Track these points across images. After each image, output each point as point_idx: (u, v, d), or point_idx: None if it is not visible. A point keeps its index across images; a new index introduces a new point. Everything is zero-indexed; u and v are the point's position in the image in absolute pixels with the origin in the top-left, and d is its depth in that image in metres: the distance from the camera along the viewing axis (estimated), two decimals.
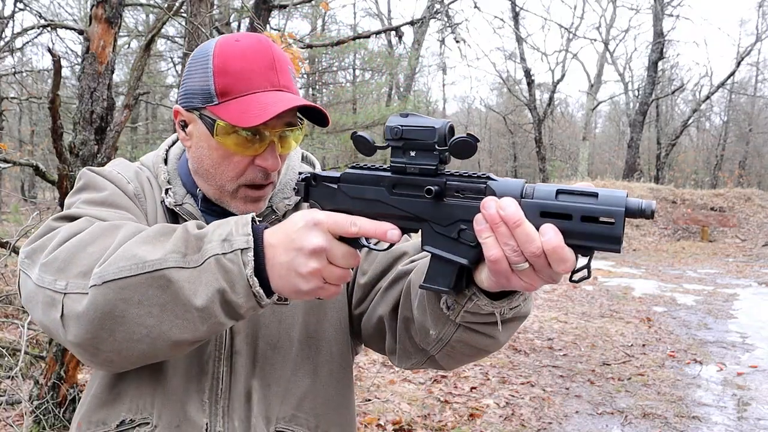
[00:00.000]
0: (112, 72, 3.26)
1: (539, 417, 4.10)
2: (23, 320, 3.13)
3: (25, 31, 5.56)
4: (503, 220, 0.70)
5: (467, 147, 0.75)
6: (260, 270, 0.79)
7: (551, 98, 26.07)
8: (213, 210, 1.07)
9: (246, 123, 0.93)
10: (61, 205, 3.16)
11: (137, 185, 1.06)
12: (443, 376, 4.72)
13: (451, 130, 0.78)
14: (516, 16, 23.18)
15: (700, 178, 28.92)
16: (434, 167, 0.78)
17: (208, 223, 0.99)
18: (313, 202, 0.90)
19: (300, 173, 0.91)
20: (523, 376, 4.92)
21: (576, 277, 0.71)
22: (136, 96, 3.45)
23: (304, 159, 1.21)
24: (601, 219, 0.68)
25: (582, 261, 0.71)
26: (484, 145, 37.49)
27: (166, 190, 1.06)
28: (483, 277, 0.77)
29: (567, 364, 5.26)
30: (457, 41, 7.09)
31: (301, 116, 1.04)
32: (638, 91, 27.38)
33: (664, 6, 21.96)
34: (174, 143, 1.19)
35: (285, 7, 6.43)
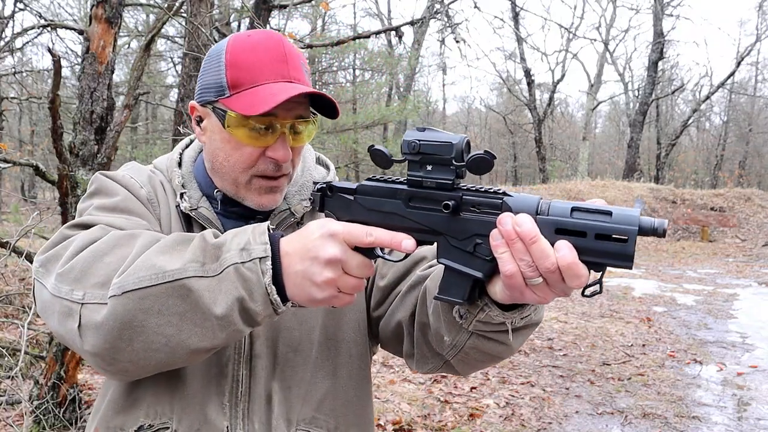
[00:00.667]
0: (112, 72, 3.26)
1: (539, 417, 4.10)
2: (23, 320, 3.13)
3: (25, 31, 5.56)
4: (519, 236, 0.72)
5: (484, 163, 0.77)
6: (276, 278, 0.80)
7: (551, 98, 26.07)
8: (231, 212, 1.07)
9: (253, 111, 0.93)
10: (62, 205, 3.16)
11: (150, 190, 1.06)
12: (443, 376, 4.72)
13: (468, 145, 0.79)
14: (516, 16, 23.18)
15: (700, 178, 28.92)
16: (451, 182, 0.80)
17: (225, 227, 1.03)
18: (328, 213, 0.90)
19: (315, 183, 0.92)
20: (523, 376, 4.92)
21: (588, 291, 0.73)
22: (136, 96, 3.45)
23: (319, 161, 1.22)
24: (615, 236, 0.70)
25: (594, 276, 0.74)
26: (484, 145, 37.49)
27: (181, 195, 1.05)
28: (497, 289, 0.79)
29: (567, 364, 5.26)
30: (457, 41, 7.09)
31: (314, 111, 1.04)
32: (638, 91, 27.38)
33: (664, 6, 21.96)
34: (188, 146, 1.18)
35: (285, 7, 6.44)
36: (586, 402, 4.41)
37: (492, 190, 0.79)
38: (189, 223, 1.06)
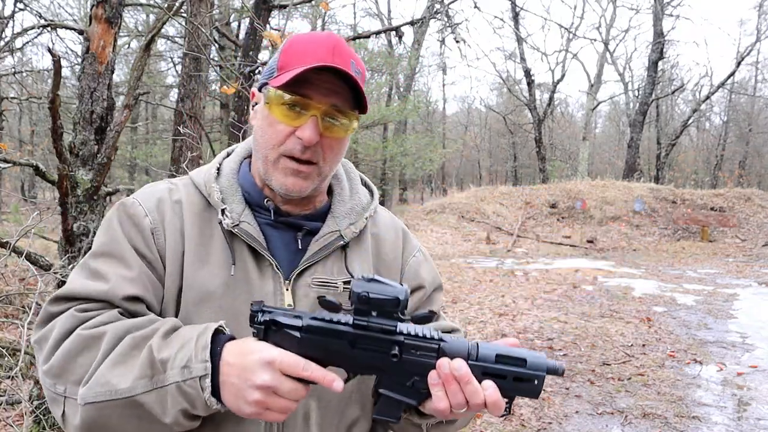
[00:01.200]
0: (112, 72, 3.26)
1: (539, 417, 4.10)
2: (23, 320, 3.13)
3: (25, 31, 5.56)
4: (456, 378, 0.89)
5: (426, 320, 0.91)
6: (215, 384, 0.88)
7: (551, 98, 26.08)
8: (281, 223, 1.09)
9: (280, 81, 0.99)
10: (62, 205, 3.16)
11: (155, 217, 1.05)
12: None
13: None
14: (516, 16, 23.19)
15: (700, 178, 28.92)
16: (394, 328, 0.90)
17: (270, 240, 1.08)
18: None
19: (259, 311, 0.91)
20: None
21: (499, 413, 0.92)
22: (136, 96, 3.45)
23: (364, 184, 1.25)
24: (527, 378, 0.91)
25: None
26: (484, 145, 37.48)
27: (222, 211, 1.05)
28: (425, 407, 0.96)
29: (567, 364, 5.26)
30: (457, 41, 7.09)
31: (357, 111, 1.06)
32: (638, 91, 27.38)
33: (664, 6, 21.96)
34: (228, 155, 1.18)
35: (285, 7, 6.44)
36: (586, 402, 4.41)
37: (429, 336, 0.91)
38: (233, 237, 1.06)
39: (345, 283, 1.08)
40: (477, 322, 6.58)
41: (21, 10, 5.20)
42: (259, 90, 1.09)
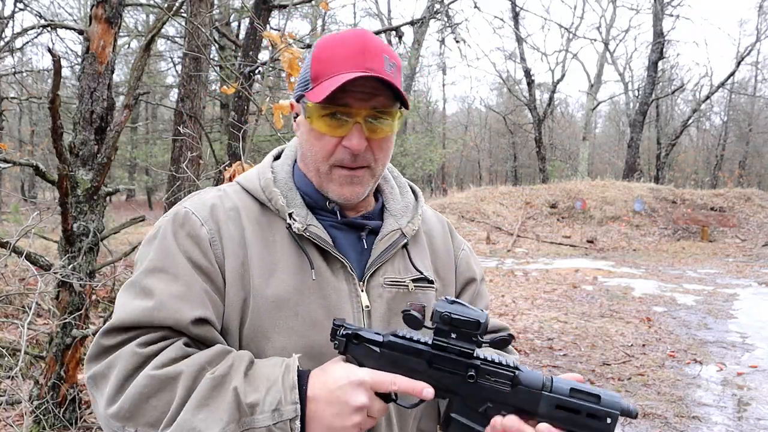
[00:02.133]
0: (112, 72, 3.26)
1: None
2: (23, 320, 3.13)
3: (25, 31, 5.56)
4: None
5: (504, 344, 0.92)
6: (302, 422, 0.87)
7: (551, 98, 26.08)
8: (343, 223, 1.08)
9: (318, 98, 0.97)
10: (62, 205, 3.16)
11: (212, 226, 1.01)
12: None
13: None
14: (516, 16, 23.19)
15: (700, 178, 28.93)
16: (472, 351, 0.90)
17: (337, 243, 1.06)
18: (350, 358, 0.94)
19: (341, 326, 0.91)
20: None
21: None
22: (136, 96, 3.45)
23: (410, 186, 1.26)
24: (600, 416, 0.88)
25: None
26: (484, 145, 37.48)
27: (290, 215, 1.03)
28: None
29: (567, 364, 5.26)
30: (457, 41, 7.09)
31: (401, 106, 1.05)
32: (638, 91, 27.38)
33: (664, 6, 21.96)
34: (278, 157, 1.17)
35: (285, 7, 6.44)
36: None
37: (505, 363, 0.91)
38: (300, 240, 1.03)
39: (413, 281, 1.09)
40: None
41: (21, 10, 5.20)
42: (297, 101, 1.08)
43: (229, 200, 1.06)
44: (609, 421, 0.87)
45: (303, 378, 0.90)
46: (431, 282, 1.12)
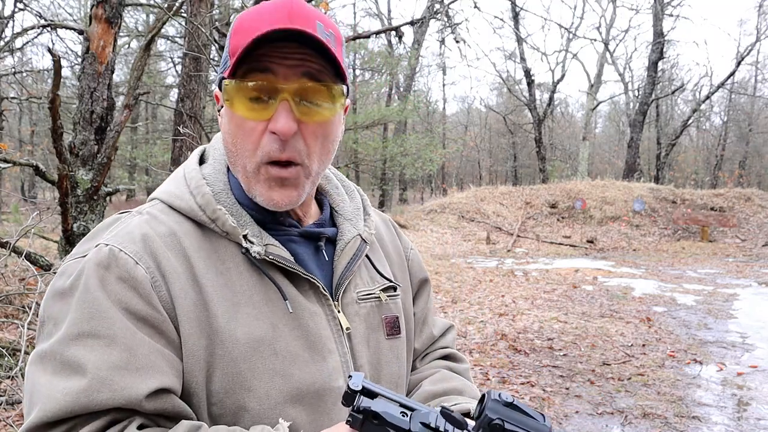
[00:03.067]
0: (112, 72, 3.27)
1: None
2: (23, 320, 3.13)
3: (25, 31, 5.56)
4: None
5: None
6: None
7: (551, 98, 26.09)
8: (301, 235, 0.91)
9: (233, 68, 0.79)
10: (62, 205, 3.16)
11: (149, 263, 0.79)
12: None
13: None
14: (516, 16, 23.20)
15: (700, 178, 28.95)
16: None
17: (300, 260, 0.88)
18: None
19: (358, 392, 0.71)
20: (523, 376, 4.92)
21: None
22: (136, 96, 3.45)
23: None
24: None
25: None
26: (484, 145, 37.50)
27: (245, 236, 0.84)
28: None
29: (567, 364, 5.26)
30: (457, 41, 7.09)
31: (342, 83, 0.84)
32: (638, 91, 27.39)
33: (664, 6, 21.96)
34: (201, 162, 0.95)
35: None
36: (586, 402, 4.40)
37: None
38: (261, 265, 0.85)
39: (382, 290, 0.96)
40: (477, 322, 6.58)
41: (21, 10, 5.20)
42: (220, 89, 0.86)
43: (161, 225, 0.83)
44: None
45: None
46: (395, 288, 1.00)
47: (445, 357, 1.14)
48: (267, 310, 0.82)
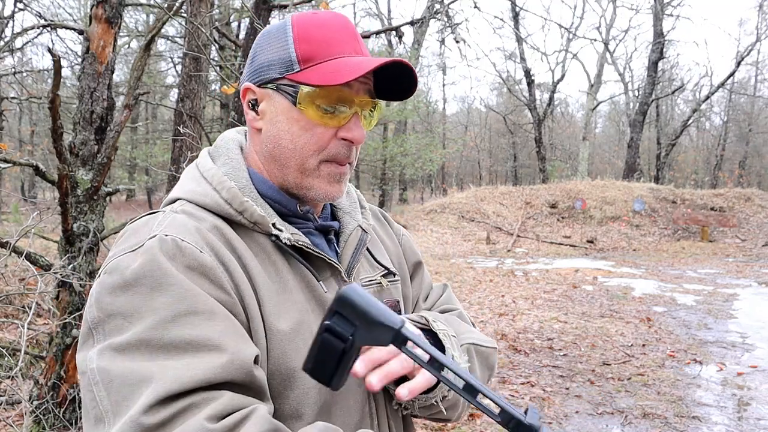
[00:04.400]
0: (112, 72, 3.26)
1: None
2: (23, 320, 3.13)
3: (25, 31, 5.56)
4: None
5: None
6: None
7: (551, 98, 26.09)
8: (316, 228, 0.97)
9: (338, 80, 0.84)
10: (62, 205, 3.16)
11: (210, 251, 0.80)
12: None
13: None
14: (516, 16, 23.20)
15: (700, 178, 28.95)
16: None
17: (320, 249, 0.94)
18: None
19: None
20: (523, 376, 4.92)
21: None
22: (136, 96, 3.45)
23: None
24: None
25: None
26: (484, 145, 37.50)
27: (273, 224, 0.88)
28: None
29: (567, 364, 5.26)
30: (457, 41, 7.09)
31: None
32: (638, 91, 27.39)
33: (664, 6, 21.97)
34: (210, 163, 0.97)
35: (285, 7, 6.43)
36: (586, 402, 4.40)
37: None
38: (293, 252, 0.90)
39: (382, 276, 1.03)
40: (477, 322, 6.58)
41: (21, 10, 5.19)
42: (260, 86, 0.91)
43: (202, 220, 0.85)
44: None
45: None
46: (395, 274, 1.07)
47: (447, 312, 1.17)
48: (302, 293, 0.87)
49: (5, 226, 9.98)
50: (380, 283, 1.01)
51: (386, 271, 1.04)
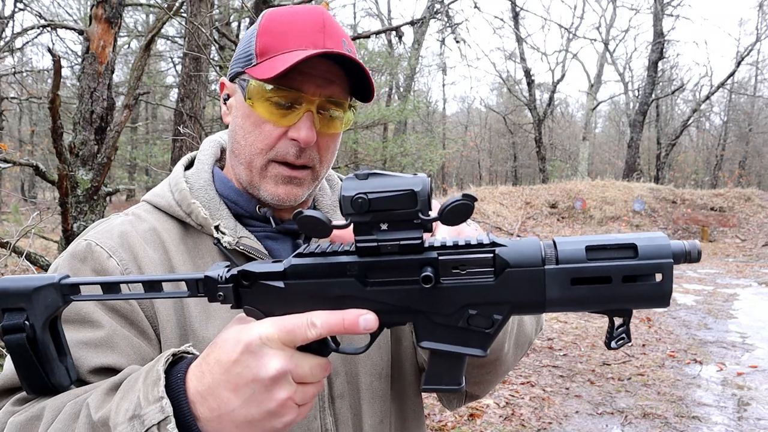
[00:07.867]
0: (112, 72, 3.27)
1: (539, 417, 4.10)
2: None
3: (25, 31, 5.56)
4: None
5: (462, 211, 0.59)
6: (189, 425, 0.62)
7: (551, 98, 26.09)
8: (278, 231, 0.92)
9: (269, 74, 0.80)
10: (62, 205, 3.16)
11: (124, 256, 0.83)
12: None
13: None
14: (516, 16, 23.20)
15: (700, 178, 28.95)
16: (419, 241, 0.60)
17: (274, 255, 0.89)
18: (249, 308, 0.65)
19: (227, 268, 0.66)
20: (523, 376, 4.92)
21: (615, 344, 0.62)
22: (136, 96, 3.45)
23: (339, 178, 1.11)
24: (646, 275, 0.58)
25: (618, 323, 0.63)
26: (484, 145, 37.52)
27: (216, 227, 0.86)
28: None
29: (567, 364, 5.26)
30: (457, 41, 7.10)
31: (354, 99, 0.90)
32: (638, 91, 27.40)
33: (664, 6, 21.96)
34: (188, 166, 0.98)
35: None
36: (586, 402, 4.40)
37: (476, 242, 0.61)
38: (233, 257, 0.87)
39: None
40: None
41: (21, 10, 5.20)
42: (232, 80, 0.90)
43: (143, 222, 0.88)
44: (660, 277, 0.58)
45: (182, 369, 0.65)
46: None
47: None
48: None
49: (5, 226, 9.98)
50: None
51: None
